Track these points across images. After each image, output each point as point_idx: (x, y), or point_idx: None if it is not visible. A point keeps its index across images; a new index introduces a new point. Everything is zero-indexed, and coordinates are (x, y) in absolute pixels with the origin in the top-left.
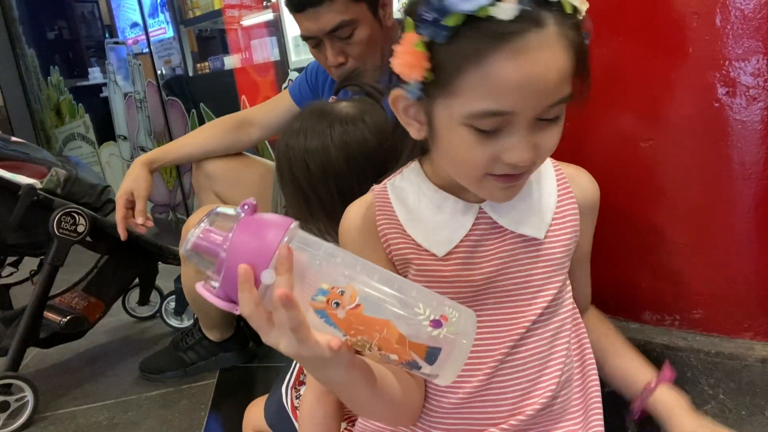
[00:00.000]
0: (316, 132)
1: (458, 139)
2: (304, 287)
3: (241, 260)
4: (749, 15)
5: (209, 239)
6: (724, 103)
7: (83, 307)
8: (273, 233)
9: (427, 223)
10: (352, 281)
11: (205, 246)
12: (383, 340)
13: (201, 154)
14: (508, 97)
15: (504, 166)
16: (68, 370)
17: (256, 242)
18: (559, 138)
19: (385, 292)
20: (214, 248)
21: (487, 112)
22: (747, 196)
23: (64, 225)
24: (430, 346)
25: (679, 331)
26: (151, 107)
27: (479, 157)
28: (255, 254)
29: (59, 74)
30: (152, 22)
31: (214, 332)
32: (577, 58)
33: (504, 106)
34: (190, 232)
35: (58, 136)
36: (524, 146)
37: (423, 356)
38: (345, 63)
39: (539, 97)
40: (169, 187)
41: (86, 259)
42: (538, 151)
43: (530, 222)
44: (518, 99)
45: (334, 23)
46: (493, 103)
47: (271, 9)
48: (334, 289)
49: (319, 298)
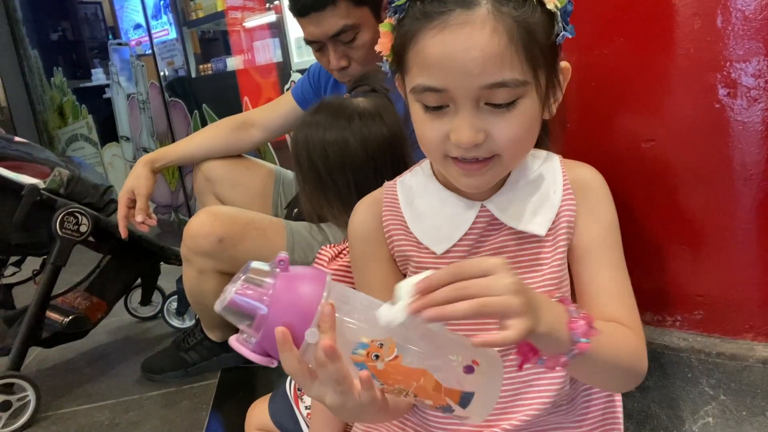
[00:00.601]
0: (336, 126)
1: (415, 116)
2: (344, 340)
3: (283, 319)
4: (750, 16)
5: (247, 297)
6: (725, 104)
7: (85, 307)
8: (312, 289)
9: (428, 220)
10: (390, 333)
11: (244, 304)
12: (420, 388)
13: (202, 154)
14: (436, 72)
15: (455, 148)
16: (70, 369)
17: (296, 300)
18: (520, 129)
19: (421, 344)
20: (252, 307)
21: (423, 87)
22: (748, 197)
23: (67, 225)
24: (465, 390)
25: (680, 331)
26: (153, 108)
27: (432, 135)
28: (297, 313)
29: (62, 75)
30: (155, 24)
31: (215, 333)
32: (522, 43)
33: (435, 83)
34: (227, 289)
35: (61, 137)
36: (465, 126)
37: (457, 400)
38: (348, 66)
39: (465, 75)
40: (171, 188)
41: (89, 259)
42: (491, 138)
43: (532, 219)
44: (445, 75)
45: (337, 28)
46: (425, 79)
47: (274, 11)
48: (373, 342)
49: (359, 351)
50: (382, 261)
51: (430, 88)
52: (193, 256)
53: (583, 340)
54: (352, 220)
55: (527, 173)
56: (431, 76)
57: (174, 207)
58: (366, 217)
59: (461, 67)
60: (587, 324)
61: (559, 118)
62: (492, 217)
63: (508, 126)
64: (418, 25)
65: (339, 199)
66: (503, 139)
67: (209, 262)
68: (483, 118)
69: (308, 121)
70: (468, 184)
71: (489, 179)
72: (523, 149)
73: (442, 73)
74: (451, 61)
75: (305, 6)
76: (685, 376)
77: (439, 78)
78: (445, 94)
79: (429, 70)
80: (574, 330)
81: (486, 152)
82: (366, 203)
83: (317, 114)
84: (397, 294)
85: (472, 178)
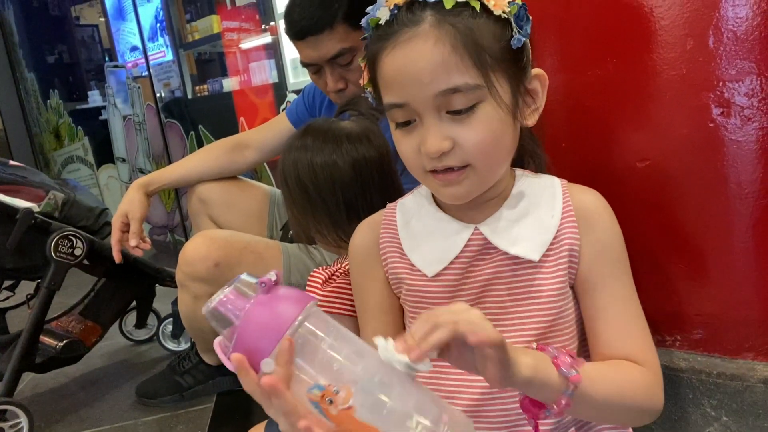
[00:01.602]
0: (324, 149)
1: (394, 137)
2: (305, 375)
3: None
4: (742, 37)
5: (227, 306)
6: (719, 123)
7: (80, 331)
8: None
9: (422, 242)
10: (350, 383)
11: (223, 312)
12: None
13: (197, 176)
14: (395, 88)
15: (428, 160)
16: (64, 395)
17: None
18: (485, 134)
19: (380, 401)
20: (229, 317)
21: (389, 105)
22: (744, 216)
23: (62, 248)
24: None
25: (680, 351)
26: (150, 129)
27: (407, 150)
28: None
29: (59, 97)
30: (152, 46)
31: (211, 356)
32: (466, 49)
33: (396, 98)
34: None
35: (57, 159)
36: (430, 136)
37: None
38: (345, 89)
39: (418, 85)
40: (167, 209)
41: (83, 282)
42: (458, 145)
43: (526, 242)
44: (402, 89)
45: (335, 51)
46: (389, 96)
47: (270, 32)
48: (330, 386)
49: (314, 391)
50: (378, 282)
51: (393, 104)
52: (189, 282)
53: (573, 372)
54: (353, 240)
55: (523, 195)
56: (392, 92)
57: (170, 228)
58: (366, 238)
59: (413, 78)
60: (570, 356)
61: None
62: (486, 240)
63: (472, 131)
64: (376, 49)
65: (328, 217)
66: (469, 144)
67: (205, 288)
68: (447, 127)
69: (296, 144)
70: (448, 194)
71: (468, 189)
72: (495, 157)
73: (399, 87)
74: (404, 75)
75: (302, 30)
76: (686, 397)
77: (399, 93)
78: (408, 108)
79: (390, 87)
80: (561, 366)
81: (457, 161)
82: (367, 224)
83: (305, 137)
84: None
85: (451, 187)
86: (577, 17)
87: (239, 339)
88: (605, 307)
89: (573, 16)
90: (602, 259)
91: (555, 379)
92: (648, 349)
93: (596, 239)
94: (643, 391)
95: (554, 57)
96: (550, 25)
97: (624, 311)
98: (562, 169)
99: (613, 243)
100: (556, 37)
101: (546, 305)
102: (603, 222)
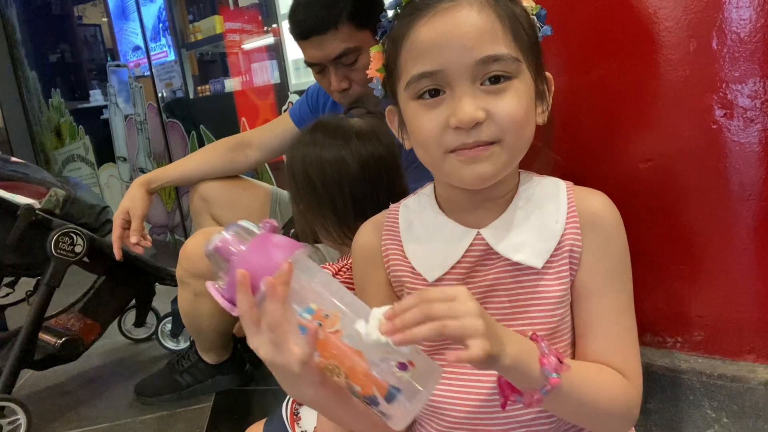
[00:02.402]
0: (333, 145)
1: (412, 117)
2: (295, 301)
3: (250, 264)
4: (745, 38)
5: (226, 244)
6: (722, 125)
7: (79, 328)
8: (280, 252)
9: (423, 246)
10: (338, 309)
11: (222, 250)
12: (351, 369)
13: (199, 174)
14: (431, 55)
15: (455, 135)
16: (62, 392)
17: (264, 256)
18: (519, 108)
19: (365, 326)
20: (228, 253)
21: (419, 75)
22: (747, 217)
23: (62, 245)
24: (392, 385)
25: (681, 353)
26: (151, 129)
27: (429, 126)
28: (260, 266)
29: (60, 96)
30: (154, 46)
31: (210, 355)
32: (509, 22)
33: (431, 66)
34: (215, 235)
35: (58, 158)
36: (465, 104)
37: (384, 394)
38: (349, 88)
39: (459, 50)
40: (167, 209)
41: (83, 279)
42: (491, 118)
43: (529, 249)
44: (440, 55)
45: (339, 51)
46: (421, 66)
47: (272, 33)
48: (320, 310)
49: (305, 315)
50: (380, 284)
51: (425, 73)
52: (189, 278)
53: (554, 375)
54: (356, 239)
55: (528, 198)
56: (426, 60)
57: (170, 227)
58: (369, 238)
59: (456, 42)
60: (558, 359)
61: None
62: (488, 246)
63: (507, 104)
64: (408, 22)
65: (334, 213)
66: (504, 115)
67: None
68: (481, 98)
69: (305, 140)
70: (472, 173)
71: (493, 167)
72: (525, 135)
73: (437, 53)
74: (446, 40)
75: (307, 29)
76: (687, 399)
77: (435, 59)
78: (441, 76)
79: (423, 55)
80: (545, 366)
81: (489, 134)
82: (371, 224)
83: (314, 133)
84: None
85: (476, 165)
86: (580, 18)
87: (239, 265)
88: (599, 318)
89: (576, 17)
90: (602, 266)
91: (535, 374)
92: (634, 363)
93: (598, 245)
94: (621, 402)
95: (558, 58)
96: (554, 26)
97: (616, 324)
98: (565, 171)
99: (615, 250)
100: (559, 37)
101: (549, 312)
102: (608, 228)
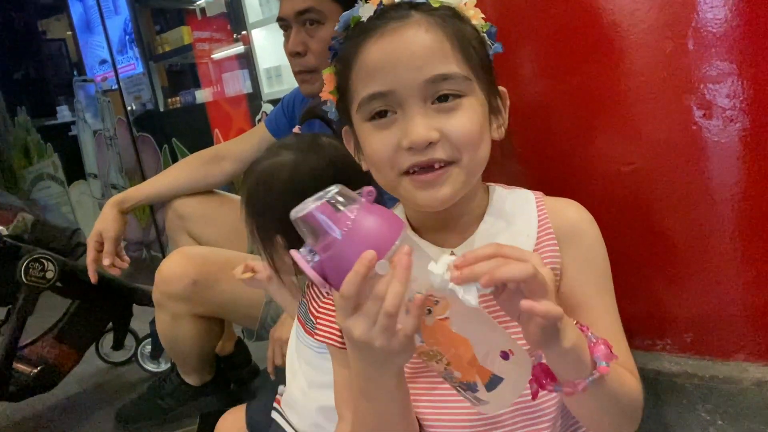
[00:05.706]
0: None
1: (365, 138)
2: None
3: (359, 246)
4: (721, 38)
5: (327, 216)
6: (701, 125)
7: (55, 356)
8: (392, 228)
9: None
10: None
11: (320, 222)
12: (456, 356)
13: (174, 191)
14: (381, 76)
15: (408, 156)
16: (40, 424)
17: (373, 234)
18: (472, 126)
19: (472, 315)
20: (328, 227)
21: (370, 96)
22: (730, 217)
23: (32, 272)
24: (495, 373)
25: (671, 355)
26: (121, 144)
27: (382, 148)
28: (374, 245)
29: (26, 114)
30: (121, 59)
31: (193, 377)
32: (457, 41)
33: (381, 86)
34: (307, 200)
35: (27, 177)
36: (417, 125)
37: (486, 381)
38: (303, 55)
39: (409, 70)
40: (141, 225)
41: (56, 304)
42: (445, 135)
43: None
44: (389, 76)
45: (304, 6)
46: (372, 87)
47: (242, 41)
48: (431, 296)
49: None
50: None
51: (375, 94)
52: (167, 301)
53: (604, 364)
54: None
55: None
56: (376, 81)
57: (145, 243)
58: None
59: (404, 63)
60: (607, 347)
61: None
62: None
63: (460, 122)
64: (357, 43)
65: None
66: (458, 135)
67: (183, 306)
68: (433, 117)
69: None
70: (427, 197)
71: (448, 192)
72: (481, 152)
73: (386, 74)
74: (395, 60)
75: None
76: (680, 402)
77: (385, 80)
78: (392, 97)
79: (373, 76)
80: (596, 353)
81: (443, 153)
82: None
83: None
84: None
85: (431, 189)
86: (554, 23)
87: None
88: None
89: (550, 22)
90: (586, 276)
91: (586, 360)
92: (631, 360)
93: (579, 255)
94: (639, 398)
95: (533, 64)
96: (528, 31)
97: (611, 324)
98: (546, 177)
99: (596, 258)
100: (533, 43)
101: None
102: (586, 238)
